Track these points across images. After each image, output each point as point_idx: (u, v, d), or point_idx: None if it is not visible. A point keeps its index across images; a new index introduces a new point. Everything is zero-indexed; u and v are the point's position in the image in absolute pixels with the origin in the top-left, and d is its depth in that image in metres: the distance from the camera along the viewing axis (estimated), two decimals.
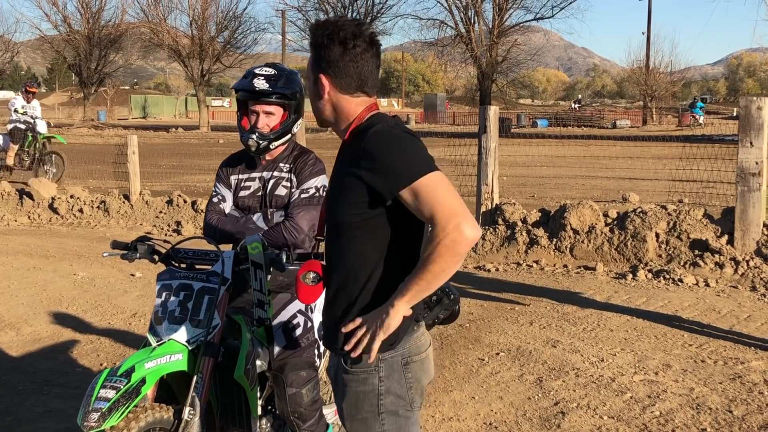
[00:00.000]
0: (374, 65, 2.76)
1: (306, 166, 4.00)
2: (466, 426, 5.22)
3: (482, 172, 10.89)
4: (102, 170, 18.45)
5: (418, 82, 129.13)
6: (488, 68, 48.49)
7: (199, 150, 31.90)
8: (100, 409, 3.03)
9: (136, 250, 3.67)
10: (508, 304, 8.21)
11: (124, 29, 63.13)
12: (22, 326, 7.49)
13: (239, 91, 3.90)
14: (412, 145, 2.62)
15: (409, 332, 2.72)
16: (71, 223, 13.61)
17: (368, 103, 2.78)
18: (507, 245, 10.39)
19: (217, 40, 58.49)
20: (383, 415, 2.70)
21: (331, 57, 2.70)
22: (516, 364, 6.38)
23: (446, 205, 2.48)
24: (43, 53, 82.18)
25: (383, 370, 2.69)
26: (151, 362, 3.22)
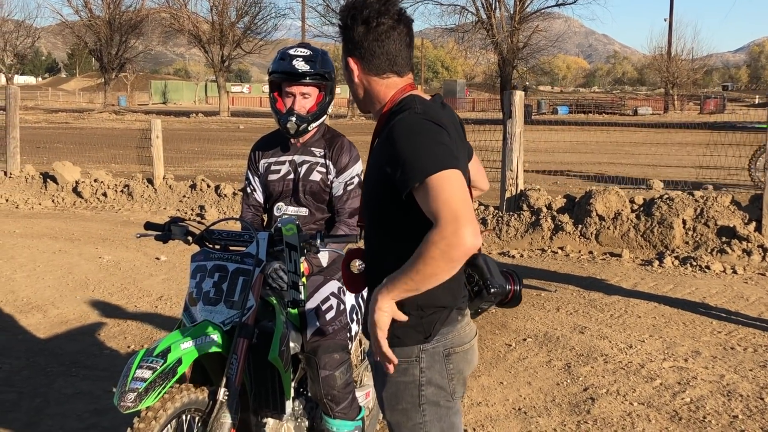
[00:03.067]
0: (403, 43, 2.65)
1: (342, 152, 3.97)
2: (495, 411, 5.20)
3: (507, 157, 10.83)
4: (124, 155, 18.53)
5: (437, 68, 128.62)
6: (509, 54, 48.26)
7: (220, 135, 31.95)
8: (136, 389, 3.02)
9: (170, 231, 3.65)
10: (534, 290, 8.17)
11: (144, 15, 63.34)
12: (48, 309, 7.52)
13: (279, 73, 3.86)
14: (432, 137, 2.47)
15: (451, 323, 2.65)
16: (95, 207, 13.66)
17: (400, 84, 2.67)
18: (531, 231, 10.35)
19: (238, 26, 58.58)
20: (424, 405, 2.65)
21: (356, 38, 2.63)
22: (543, 349, 6.35)
23: (451, 207, 2.36)
24: (63, 38, 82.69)
25: (424, 360, 2.63)
26: (187, 343, 3.21)
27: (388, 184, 2.50)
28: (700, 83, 79.43)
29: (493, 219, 10.71)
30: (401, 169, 2.44)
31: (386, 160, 2.50)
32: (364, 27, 2.61)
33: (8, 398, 5.35)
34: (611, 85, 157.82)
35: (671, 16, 63.05)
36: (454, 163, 2.44)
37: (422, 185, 2.41)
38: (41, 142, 22.74)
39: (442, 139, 2.48)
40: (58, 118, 48.27)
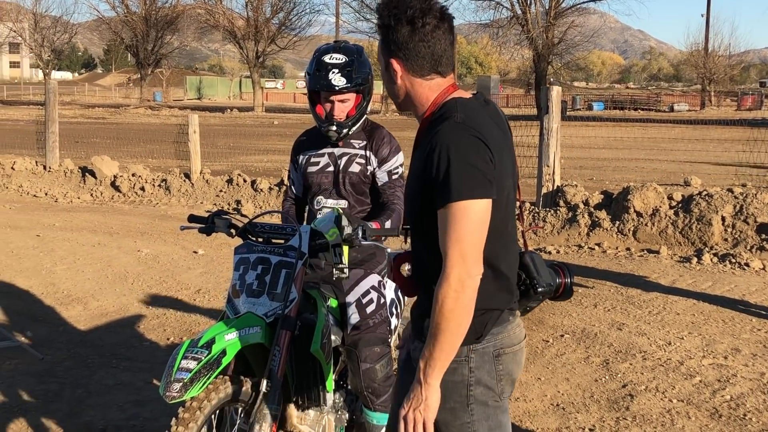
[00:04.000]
0: (447, 42, 2.58)
1: (383, 143, 3.98)
2: (533, 406, 5.20)
3: (543, 153, 10.79)
4: (161, 149, 18.66)
5: (470, 64, 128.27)
6: (544, 50, 47.99)
7: (254, 131, 32.09)
8: (182, 379, 3.05)
9: (213, 224, 3.69)
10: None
11: (180, 11, 63.79)
12: (89, 301, 7.61)
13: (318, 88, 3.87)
14: (467, 158, 2.41)
15: (502, 323, 2.63)
16: (133, 201, 13.80)
17: (443, 85, 2.61)
18: (568, 227, 10.30)
19: (272, 22, 58.72)
20: (472, 405, 2.61)
21: (399, 39, 2.55)
22: (581, 346, 6.32)
23: (461, 248, 2.38)
24: (100, 34, 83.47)
25: (474, 360, 2.59)
26: (231, 334, 3.24)
27: (428, 197, 2.48)
28: (737, 79, 78.49)
29: (530, 215, 10.68)
30: (436, 185, 2.43)
31: (427, 173, 2.46)
32: (409, 27, 2.53)
33: (51, 388, 5.43)
34: (647, 81, 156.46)
35: (708, 12, 62.43)
36: (482, 191, 2.41)
37: (444, 209, 2.40)
38: (79, 137, 23.01)
39: (477, 160, 2.42)
40: (95, 113, 48.74)
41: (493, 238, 2.50)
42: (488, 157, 2.45)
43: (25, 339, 6.44)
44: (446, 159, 2.40)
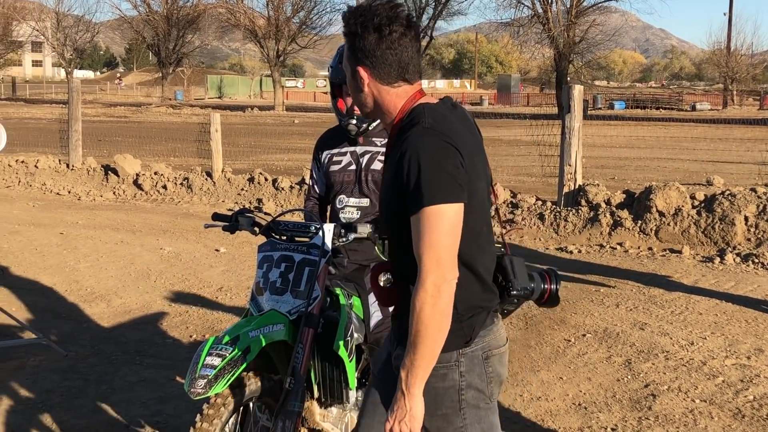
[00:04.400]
0: (414, 49, 2.57)
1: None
2: (555, 406, 5.19)
3: (565, 152, 10.77)
4: (183, 148, 18.76)
5: (491, 63, 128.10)
6: (565, 49, 47.81)
7: (275, 130, 32.16)
8: (206, 376, 3.07)
9: (237, 222, 3.71)
10: (593, 285, 8.12)
11: (201, 10, 64.03)
12: (112, 298, 7.66)
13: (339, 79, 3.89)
14: (437, 163, 2.41)
15: (488, 325, 2.63)
16: (155, 199, 13.87)
17: (410, 92, 2.60)
18: (590, 227, 10.27)
19: (293, 21, 58.83)
20: (465, 409, 2.61)
21: (366, 46, 2.53)
22: (603, 345, 6.31)
23: (436, 253, 2.38)
24: (122, 33, 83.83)
25: (464, 364, 2.59)
26: (254, 331, 3.26)
27: (402, 203, 2.47)
28: (759, 79, 77.98)
29: (551, 214, 10.65)
30: (407, 192, 2.42)
31: (399, 179, 2.45)
32: (376, 35, 2.52)
33: (75, 385, 5.47)
34: (668, 80, 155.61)
35: (731, 11, 62.03)
36: (454, 196, 2.41)
37: (417, 215, 2.40)
38: (101, 136, 23.15)
39: (446, 164, 2.42)
40: (117, 111, 49.01)
41: (469, 240, 2.50)
42: (458, 161, 2.44)
43: (49, 336, 6.49)
44: (416, 164, 2.40)
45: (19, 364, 5.86)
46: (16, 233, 10.57)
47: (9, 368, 5.79)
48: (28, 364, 5.85)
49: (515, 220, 10.75)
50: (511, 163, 19.63)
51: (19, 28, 74.01)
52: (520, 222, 10.71)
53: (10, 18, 70.59)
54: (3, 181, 15.45)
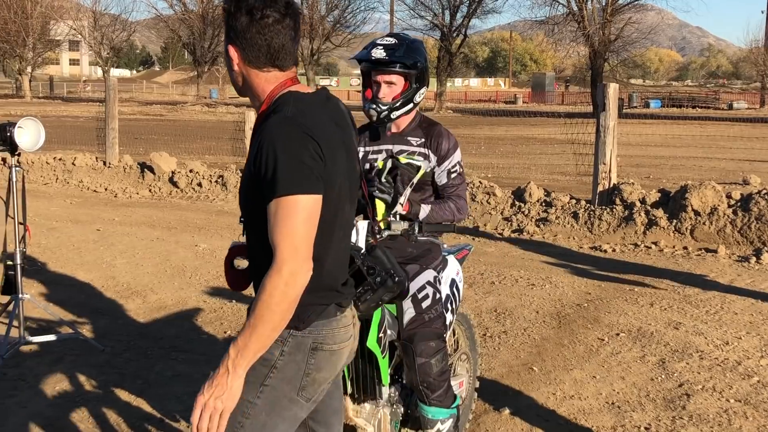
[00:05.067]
0: (288, 37, 2.52)
1: (441, 139, 3.98)
2: (588, 405, 5.18)
3: (600, 151, 10.72)
4: (218, 146, 18.88)
5: (525, 61, 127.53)
6: (600, 47, 47.52)
7: None
8: None
9: None
10: (627, 285, 8.08)
11: None
12: (148, 294, 7.74)
13: (360, 61, 3.90)
14: (295, 152, 2.37)
15: (327, 317, 2.58)
16: (190, 197, 13.98)
17: (281, 78, 2.56)
18: (624, 226, 10.21)
19: (327, 20, 59.02)
20: (265, 387, 2.53)
21: (238, 27, 2.50)
22: (637, 345, 6.28)
23: (292, 242, 2.34)
24: (157, 32, 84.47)
25: (289, 345, 2.53)
26: None
27: (258, 189, 2.43)
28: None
29: (585, 213, 10.61)
30: (264, 180, 2.38)
31: (256, 167, 2.41)
32: (248, 17, 2.48)
33: (111, 379, 5.54)
34: (705, 78, 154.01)
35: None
36: (310, 186, 2.38)
37: (273, 203, 2.36)
38: (137, 134, 23.37)
39: (303, 155, 2.38)
40: (153, 110, 49.39)
41: (319, 233, 2.46)
42: (316, 153, 2.41)
43: (86, 331, 6.58)
44: (273, 153, 2.36)
45: (56, 358, 5.95)
46: (53, 230, 10.71)
47: (47, 362, 5.87)
48: (66, 359, 5.93)
49: (549, 219, 10.71)
50: (545, 162, 19.55)
51: (56, 27, 74.80)
52: (555, 220, 10.67)
53: (48, 17, 71.39)
54: (41, 178, 15.65)
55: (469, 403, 4.78)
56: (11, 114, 38.53)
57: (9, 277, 6.01)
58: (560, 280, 8.24)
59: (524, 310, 7.25)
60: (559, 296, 7.68)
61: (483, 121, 38.89)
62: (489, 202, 11.45)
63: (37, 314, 6.79)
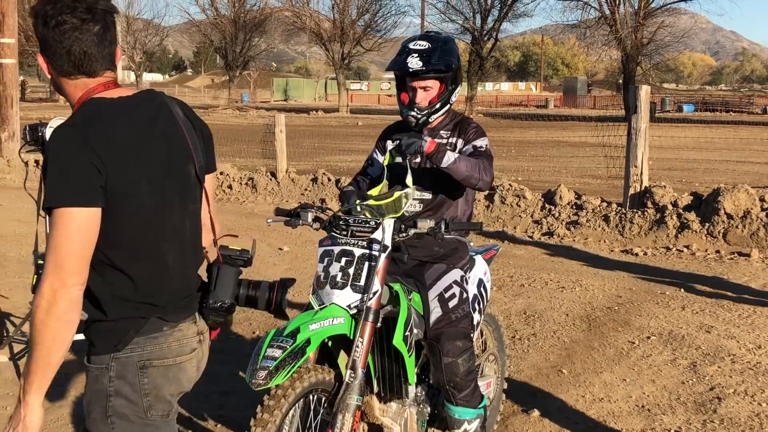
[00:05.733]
0: (91, 42, 2.40)
1: (469, 128, 3.96)
2: (618, 407, 5.13)
3: (631, 153, 10.63)
4: (248, 149, 18.93)
5: (557, 65, 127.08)
6: (633, 51, 47.16)
7: (339, 132, 32.38)
8: (267, 367, 3.11)
9: (299, 217, 3.74)
10: (658, 288, 8.00)
11: (268, 13, 64.65)
12: None
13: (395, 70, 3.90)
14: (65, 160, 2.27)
15: (151, 332, 2.50)
16: (221, 199, 14.05)
17: (90, 85, 2.46)
18: (656, 229, 10.12)
19: (358, 24, 59.12)
20: (112, 417, 2.48)
21: (40, 36, 2.41)
22: (668, 348, 6.21)
23: (57, 256, 2.24)
24: (190, 37, 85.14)
25: (114, 369, 2.46)
26: (315, 324, 3.29)
27: None
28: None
29: (616, 216, 10.52)
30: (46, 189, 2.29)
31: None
32: (44, 26, 2.39)
33: None
34: (739, 83, 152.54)
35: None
36: (79, 199, 2.27)
37: (48, 215, 2.28)
38: None
39: (75, 166, 2.28)
40: None
41: (123, 245, 2.40)
42: (92, 163, 2.29)
43: None
44: (45, 164, 2.28)
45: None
46: None
47: (79, 361, 5.85)
48: None
49: (580, 221, 10.64)
50: (576, 165, 19.45)
51: None
52: (585, 223, 10.61)
53: None
54: None
55: (497, 404, 4.75)
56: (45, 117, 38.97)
57: (40, 276, 6.05)
58: (590, 283, 8.18)
59: (554, 312, 7.20)
60: (589, 299, 7.63)
61: (514, 125, 38.79)
62: (519, 204, 11.40)
63: None
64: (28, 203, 11.04)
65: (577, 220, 10.76)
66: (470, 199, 4.10)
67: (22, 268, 8.49)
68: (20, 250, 9.38)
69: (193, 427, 4.83)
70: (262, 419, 3.12)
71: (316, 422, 3.42)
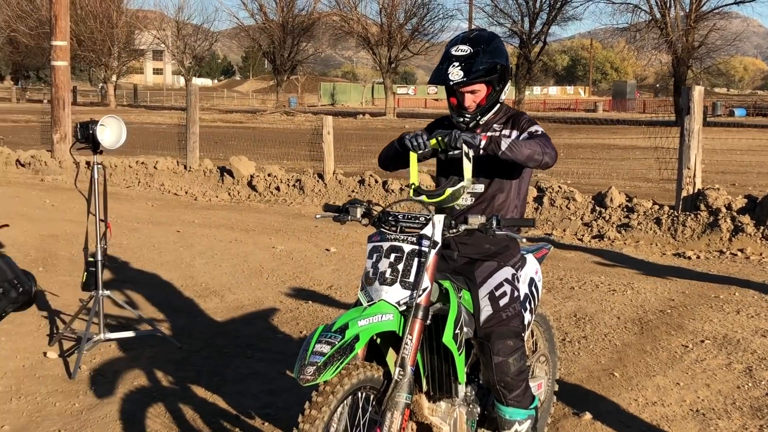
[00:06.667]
0: None
1: (522, 119, 3.87)
2: (672, 411, 5.01)
3: (684, 155, 10.44)
4: (295, 152, 19.01)
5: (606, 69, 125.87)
6: (683, 54, 46.56)
7: (386, 135, 32.29)
8: (315, 363, 3.06)
9: (347, 212, 3.69)
10: (712, 291, 7.83)
11: (316, 17, 64.90)
12: (225, 294, 7.79)
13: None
14: None
15: None
16: (268, 200, 14.09)
17: None
18: (709, 232, 9.93)
19: (405, 28, 59.09)
20: None
21: None
22: (723, 352, 6.07)
23: None
24: (239, 41, 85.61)
25: None
26: (364, 320, 3.24)
27: None
28: None
29: (668, 219, 10.34)
30: None
31: None
32: None
33: (188, 376, 5.57)
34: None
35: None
36: None
37: None
38: (217, 140, 23.64)
39: None
40: (232, 118, 50.10)
41: None
42: None
43: (164, 328, 6.64)
44: None
45: (135, 354, 6.01)
46: (135, 230, 10.88)
47: (127, 358, 5.94)
48: (145, 355, 5.98)
49: (631, 224, 10.48)
50: (626, 169, 19.22)
51: (141, 36, 76.51)
52: (636, 226, 10.44)
53: (133, 27, 73.01)
54: (124, 182, 15.96)
55: (548, 406, 4.66)
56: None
57: (90, 274, 6.09)
58: (642, 287, 8.04)
59: (605, 315, 7.08)
60: (641, 302, 7.49)
61: (563, 128, 38.46)
62: (569, 207, 11.26)
63: (117, 311, 6.87)
64: (79, 203, 11.17)
65: (628, 223, 10.59)
66: (523, 194, 4.01)
67: (73, 266, 8.58)
68: (71, 249, 9.48)
69: (240, 425, 4.81)
70: (310, 415, 3.08)
71: (365, 420, 3.37)
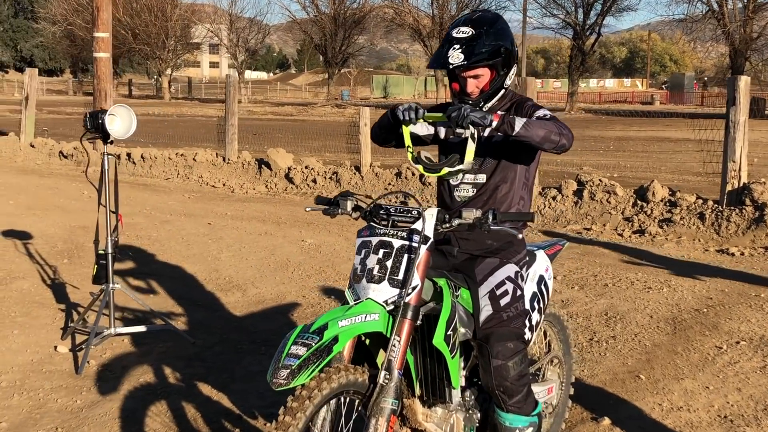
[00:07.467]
0: None
1: (526, 105, 3.60)
2: (697, 417, 4.72)
3: (729, 148, 10.04)
4: (338, 144, 18.87)
5: (664, 62, 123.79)
6: (741, 45, 45.47)
7: None
8: (289, 366, 2.87)
9: (338, 205, 3.49)
10: (753, 290, 7.48)
11: (368, 10, 64.83)
12: (248, 288, 7.64)
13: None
14: None
15: None
16: (305, 193, 13.95)
17: None
18: (755, 228, 9.53)
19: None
20: None
21: None
22: (758, 354, 5.75)
23: None
24: (293, 35, 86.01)
25: None
26: (345, 321, 3.03)
27: None
28: None
29: (712, 214, 9.96)
30: None
31: None
32: None
33: (197, 372, 5.42)
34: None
35: None
36: None
37: None
38: (263, 132, 23.60)
39: None
40: (284, 110, 50.20)
41: None
42: None
43: (181, 323, 6.51)
44: None
45: (147, 350, 5.88)
46: (166, 222, 10.81)
47: (137, 354, 5.81)
48: (156, 350, 5.85)
49: (673, 219, 10.11)
50: (675, 162, 18.74)
51: (196, 29, 77.10)
52: (679, 221, 10.07)
53: (187, 20, 73.54)
54: (163, 173, 15.95)
55: (562, 411, 4.41)
56: (149, 114, 39.88)
57: (101, 267, 5.98)
58: (680, 284, 7.71)
59: (637, 314, 6.78)
60: (676, 301, 7.17)
61: (616, 121, 37.84)
62: (609, 201, 10.92)
63: (134, 305, 6.77)
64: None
65: (671, 218, 10.22)
66: (530, 185, 3.76)
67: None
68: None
69: (241, 426, 4.64)
70: (283, 422, 2.89)
71: (348, 427, 3.17)
